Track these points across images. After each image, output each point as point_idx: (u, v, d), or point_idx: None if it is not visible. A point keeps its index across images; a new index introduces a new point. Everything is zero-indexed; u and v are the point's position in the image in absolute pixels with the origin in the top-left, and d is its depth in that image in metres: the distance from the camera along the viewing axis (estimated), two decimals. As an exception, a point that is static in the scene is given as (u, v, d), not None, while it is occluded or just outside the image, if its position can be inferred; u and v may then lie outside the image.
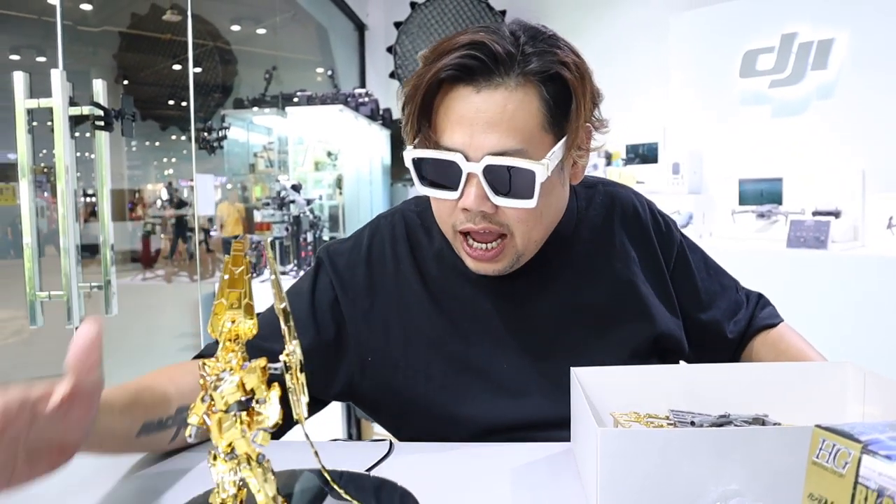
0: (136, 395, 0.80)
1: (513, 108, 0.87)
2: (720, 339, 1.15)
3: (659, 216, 1.16)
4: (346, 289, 1.04)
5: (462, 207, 0.90)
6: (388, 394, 1.02)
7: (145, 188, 6.12)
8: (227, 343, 0.58)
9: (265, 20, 6.50)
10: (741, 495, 0.64)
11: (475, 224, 0.91)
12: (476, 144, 0.87)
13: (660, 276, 1.10)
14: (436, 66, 0.88)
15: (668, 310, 1.09)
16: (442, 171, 0.90)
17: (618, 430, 0.78)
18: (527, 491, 0.78)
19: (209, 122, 5.14)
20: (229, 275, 0.58)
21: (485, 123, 0.87)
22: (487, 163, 0.86)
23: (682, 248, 1.15)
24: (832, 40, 3.61)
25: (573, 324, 1.03)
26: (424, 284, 1.04)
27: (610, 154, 4.81)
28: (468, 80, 0.88)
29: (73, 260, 1.98)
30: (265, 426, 0.56)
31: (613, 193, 1.14)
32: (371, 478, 0.79)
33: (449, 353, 1.01)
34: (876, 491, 0.45)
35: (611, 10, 4.98)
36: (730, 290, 1.19)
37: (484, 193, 0.88)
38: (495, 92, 0.87)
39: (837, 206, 3.49)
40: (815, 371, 0.91)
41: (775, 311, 1.22)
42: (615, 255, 1.08)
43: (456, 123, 0.88)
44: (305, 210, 4.39)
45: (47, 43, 3.76)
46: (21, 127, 1.93)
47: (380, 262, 1.06)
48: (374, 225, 1.10)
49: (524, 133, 0.88)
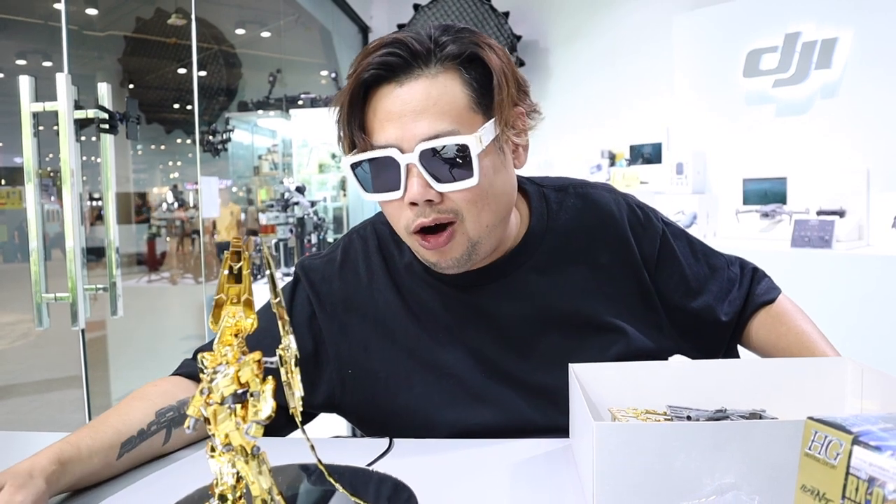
0: (99, 427, 0.84)
1: (437, 93, 0.89)
2: (715, 323, 1.13)
3: (637, 209, 1.13)
4: (322, 303, 1.05)
5: (408, 202, 0.91)
6: (370, 405, 1.03)
7: (150, 191, 6.15)
8: (224, 337, 0.58)
9: (269, 23, 6.53)
10: (737, 488, 0.64)
11: (426, 217, 0.91)
12: (408, 136, 0.89)
13: (638, 280, 1.08)
14: (359, 70, 0.91)
15: (644, 325, 1.07)
16: (382, 173, 0.91)
17: (615, 423, 0.78)
18: (525, 486, 0.79)
19: (214, 125, 5.16)
20: (229, 270, 0.59)
21: (412, 113, 0.89)
22: (421, 149, 0.88)
23: (664, 237, 1.12)
24: (836, 39, 3.61)
25: (547, 331, 1.03)
26: (399, 295, 1.04)
27: (614, 154, 4.82)
28: (390, 77, 0.90)
29: (79, 262, 1.99)
30: (258, 419, 0.57)
31: (586, 195, 1.11)
32: (370, 472, 0.80)
33: (426, 362, 1.01)
34: (866, 481, 0.45)
35: (614, 10, 4.98)
36: (720, 271, 1.16)
37: (425, 182, 0.89)
38: (417, 82, 0.90)
39: (842, 206, 3.48)
40: (813, 366, 0.91)
41: (772, 284, 1.20)
42: (587, 262, 1.06)
43: (385, 121, 0.90)
44: (310, 212, 4.40)
45: (53, 47, 3.78)
46: (27, 130, 1.95)
47: (354, 276, 1.06)
48: (347, 239, 1.11)
49: (452, 115, 0.89)
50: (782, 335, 1.11)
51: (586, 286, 1.05)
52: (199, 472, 0.84)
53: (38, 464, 0.73)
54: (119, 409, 0.89)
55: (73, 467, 0.77)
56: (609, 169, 4.71)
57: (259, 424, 0.57)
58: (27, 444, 1.04)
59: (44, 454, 0.75)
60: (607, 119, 4.86)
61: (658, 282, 1.09)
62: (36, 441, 1.02)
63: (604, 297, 1.05)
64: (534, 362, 1.01)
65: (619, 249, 1.08)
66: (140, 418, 0.88)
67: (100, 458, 0.81)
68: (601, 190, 1.14)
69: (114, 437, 0.84)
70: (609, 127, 4.86)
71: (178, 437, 0.92)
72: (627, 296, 1.07)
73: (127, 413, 0.88)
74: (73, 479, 0.77)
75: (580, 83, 4.96)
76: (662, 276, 1.10)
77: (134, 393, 0.95)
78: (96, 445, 0.81)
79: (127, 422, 0.86)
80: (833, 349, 1.06)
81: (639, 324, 1.06)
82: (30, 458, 0.75)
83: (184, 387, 0.97)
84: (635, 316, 1.06)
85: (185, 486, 0.75)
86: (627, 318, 1.05)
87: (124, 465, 0.85)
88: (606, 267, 1.07)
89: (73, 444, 0.79)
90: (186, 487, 0.75)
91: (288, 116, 5.45)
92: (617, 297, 1.06)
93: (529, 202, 1.08)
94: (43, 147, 1.99)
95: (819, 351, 1.06)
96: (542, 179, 1.13)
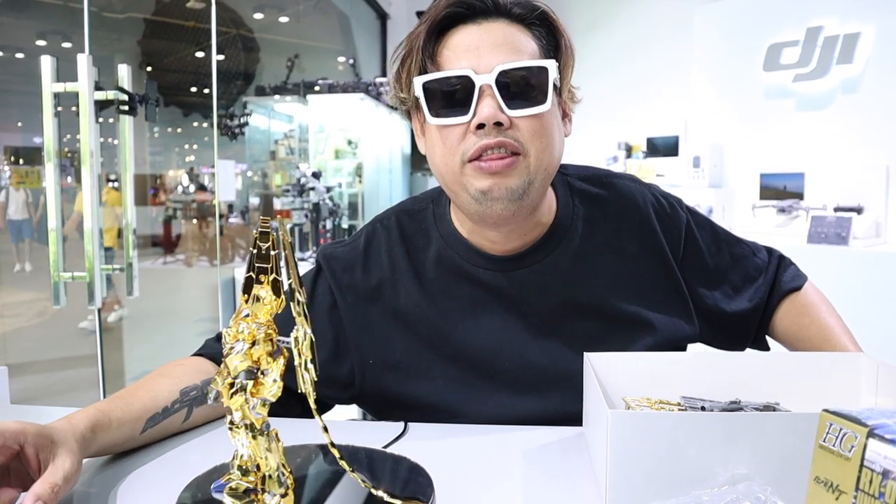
0: (129, 400, 0.86)
1: (513, 37, 0.92)
2: (737, 313, 1.12)
3: (662, 198, 1.13)
4: (344, 294, 1.05)
5: (477, 124, 0.89)
6: (390, 395, 1.03)
7: (167, 174, 6.18)
8: (240, 316, 0.60)
9: (288, 8, 6.53)
10: (749, 479, 0.65)
11: (490, 138, 0.90)
12: (485, 63, 0.89)
13: (666, 270, 1.08)
14: (439, 7, 0.93)
15: (672, 314, 1.06)
16: (452, 95, 0.91)
17: (628, 412, 0.78)
18: (538, 472, 0.79)
19: (231, 109, 5.18)
20: (257, 250, 0.59)
21: (490, 45, 0.90)
22: (500, 69, 0.88)
23: (689, 227, 1.12)
24: (858, 34, 3.57)
25: (574, 321, 1.03)
26: (422, 286, 1.04)
27: (630, 147, 4.80)
28: (468, 18, 0.93)
29: (97, 243, 2.01)
30: (264, 396, 0.58)
31: (611, 185, 1.11)
32: (386, 453, 0.81)
33: (449, 353, 1.02)
34: (881, 474, 0.45)
35: (634, 3, 4.95)
36: (744, 260, 1.16)
37: (498, 104, 0.89)
38: (495, 23, 0.92)
39: (860, 203, 3.45)
40: (829, 361, 0.91)
41: (798, 271, 1.19)
42: (614, 251, 1.06)
43: (463, 51, 0.91)
44: (325, 197, 4.41)
45: (73, 28, 3.80)
46: (48, 111, 1.96)
47: (377, 266, 1.06)
48: (371, 229, 1.10)
49: (527, 53, 0.92)
50: (804, 326, 1.11)
51: (614, 276, 1.05)
52: (220, 448, 0.86)
53: (77, 427, 0.75)
54: (147, 385, 0.91)
55: (102, 435, 0.79)
56: (625, 161, 4.70)
57: (265, 402, 0.58)
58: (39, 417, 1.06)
59: (79, 418, 0.77)
60: (624, 111, 4.84)
61: (684, 270, 1.09)
62: (50, 415, 1.04)
63: (632, 288, 1.05)
64: (560, 352, 1.00)
65: (645, 239, 1.08)
66: (166, 396, 0.89)
67: (126, 429, 0.83)
68: (626, 180, 1.13)
69: (141, 411, 0.85)
70: (626, 119, 4.84)
71: (198, 416, 0.94)
72: (655, 286, 1.07)
73: (154, 389, 0.90)
74: (99, 447, 0.79)
75: (598, 74, 4.94)
76: (686, 265, 1.10)
77: (160, 369, 0.96)
78: (125, 417, 0.83)
79: (154, 397, 0.88)
80: (855, 344, 1.06)
81: (667, 314, 1.06)
82: (67, 419, 0.76)
83: (206, 368, 0.98)
84: (664, 306, 1.06)
85: (207, 462, 0.76)
86: (655, 308, 1.05)
87: (145, 439, 0.87)
88: (633, 256, 1.06)
89: (105, 413, 0.80)
90: (208, 462, 0.76)
91: (305, 102, 5.46)
92: (645, 288, 1.06)
93: (556, 191, 1.07)
94: (61, 128, 2.01)
95: (840, 345, 1.05)
96: (567, 168, 1.12)
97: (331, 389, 1.05)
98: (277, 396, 0.59)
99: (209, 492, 0.67)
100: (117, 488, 0.77)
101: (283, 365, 0.60)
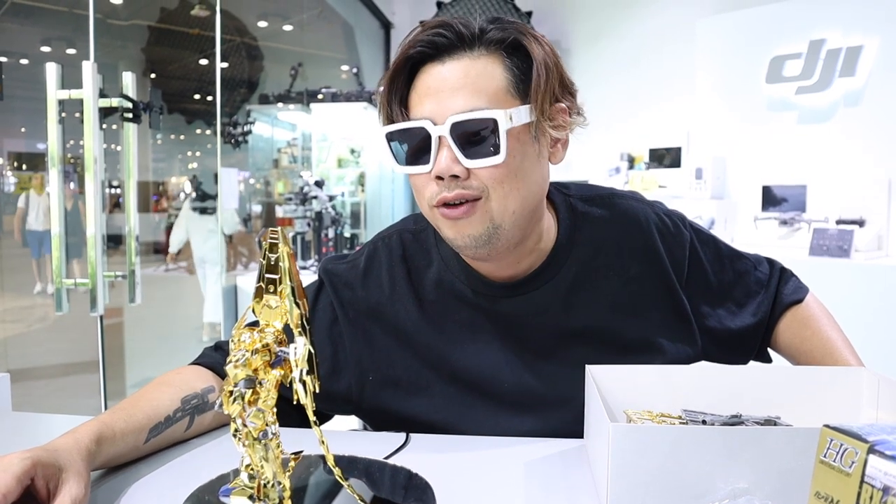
0: (132, 411, 0.86)
1: (475, 73, 0.90)
2: (741, 329, 1.12)
3: (665, 217, 1.12)
4: (346, 309, 1.05)
5: (435, 175, 0.90)
6: (390, 410, 1.04)
7: (169, 181, 6.19)
8: (242, 325, 0.60)
9: (292, 17, 6.56)
10: (750, 493, 0.65)
11: (449, 192, 0.90)
12: (442, 110, 0.89)
13: (669, 291, 1.07)
14: (406, 47, 0.94)
15: (675, 334, 1.06)
16: (415, 146, 0.92)
17: (629, 425, 0.78)
18: (539, 484, 0.79)
19: (234, 117, 5.19)
20: (266, 261, 0.60)
21: (450, 89, 0.90)
22: (452, 121, 0.88)
23: (693, 245, 1.11)
24: (861, 47, 3.58)
25: (574, 346, 1.02)
26: (421, 307, 1.04)
27: (633, 157, 4.80)
28: (435, 56, 0.92)
29: (99, 249, 2.02)
30: (259, 406, 0.58)
31: (613, 205, 1.10)
32: (387, 464, 0.81)
33: (448, 373, 1.02)
34: (881, 490, 0.45)
35: (637, 13, 4.96)
36: (746, 276, 1.15)
37: (453, 156, 0.89)
38: (458, 62, 0.91)
39: (862, 215, 3.46)
40: (830, 375, 0.91)
41: (799, 283, 1.19)
42: (617, 274, 1.05)
43: (424, 95, 0.92)
44: (328, 206, 4.42)
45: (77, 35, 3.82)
46: (52, 117, 1.97)
47: (377, 284, 1.06)
48: (372, 247, 1.10)
49: (488, 94, 0.90)
50: (806, 339, 1.11)
51: (615, 299, 1.04)
52: (222, 457, 0.86)
53: (82, 442, 0.75)
54: (148, 394, 0.91)
55: (106, 448, 0.79)
56: (627, 172, 4.70)
57: (259, 411, 0.58)
58: (38, 424, 1.06)
59: (84, 432, 0.77)
60: (627, 121, 4.85)
61: (687, 289, 1.09)
62: (49, 423, 1.04)
63: (633, 311, 1.04)
64: (559, 377, 1.00)
65: (649, 260, 1.07)
66: (168, 405, 0.90)
67: (129, 441, 0.83)
68: (629, 199, 1.12)
69: (144, 421, 0.85)
70: (628, 130, 4.84)
71: (200, 424, 0.94)
72: (657, 308, 1.06)
73: (156, 398, 0.90)
74: (103, 459, 0.79)
75: (601, 84, 4.95)
76: (690, 284, 1.09)
77: (159, 379, 0.96)
78: (128, 428, 0.83)
79: (156, 407, 0.88)
80: (856, 357, 1.05)
81: (668, 337, 1.05)
82: (71, 434, 0.76)
83: (204, 376, 0.98)
84: (665, 329, 1.05)
85: (212, 471, 0.77)
86: (657, 331, 1.05)
87: (148, 449, 0.87)
88: (637, 279, 1.06)
89: (109, 426, 0.80)
90: (213, 471, 0.76)
91: (308, 110, 5.47)
92: (647, 310, 1.05)
93: (557, 214, 1.06)
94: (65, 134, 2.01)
95: (841, 359, 1.05)
96: (568, 188, 1.11)
97: (328, 404, 1.05)
98: (272, 407, 0.60)
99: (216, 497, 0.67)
100: (120, 499, 0.77)
101: (278, 375, 0.61)
